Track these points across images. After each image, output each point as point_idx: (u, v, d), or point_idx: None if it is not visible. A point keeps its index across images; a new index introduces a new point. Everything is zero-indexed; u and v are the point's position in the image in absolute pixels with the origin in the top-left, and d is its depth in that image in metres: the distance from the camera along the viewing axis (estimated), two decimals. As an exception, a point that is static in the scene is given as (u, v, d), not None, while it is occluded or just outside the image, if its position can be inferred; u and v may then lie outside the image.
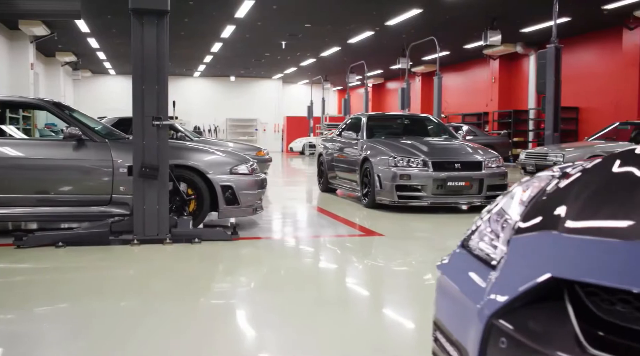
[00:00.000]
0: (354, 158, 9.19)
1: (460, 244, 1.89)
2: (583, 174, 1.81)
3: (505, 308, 1.48)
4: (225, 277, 4.90)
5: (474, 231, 1.89)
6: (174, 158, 6.14)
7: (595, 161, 1.91)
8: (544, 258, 1.49)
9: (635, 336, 1.26)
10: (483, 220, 1.90)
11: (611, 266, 1.35)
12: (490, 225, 1.84)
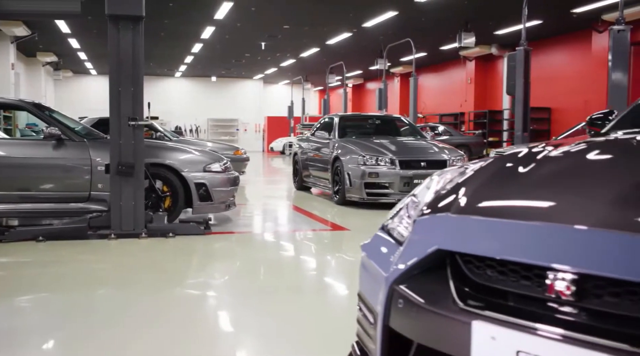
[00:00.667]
0: (326, 157, 9.53)
1: (381, 226, 2.22)
2: (480, 169, 2.16)
3: (403, 276, 1.82)
4: (197, 268, 5.21)
5: (394, 215, 2.23)
6: (150, 157, 6.44)
7: (491, 158, 2.26)
8: (435, 234, 1.83)
9: (497, 293, 1.60)
10: (402, 206, 2.24)
11: (481, 239, 1.69)
12: (407, 210, 2.17)
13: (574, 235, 1.51)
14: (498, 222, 1.70)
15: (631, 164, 1.90)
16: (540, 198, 1.76)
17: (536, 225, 1.60)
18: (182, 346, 3.05)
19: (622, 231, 1.43)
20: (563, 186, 1.82)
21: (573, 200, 1.69)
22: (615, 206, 1.56)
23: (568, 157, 2.12)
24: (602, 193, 1.66)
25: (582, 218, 1.54)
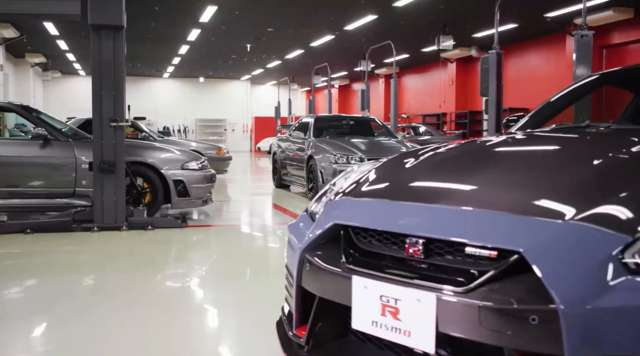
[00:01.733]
0: (302, 156, 10.03)
1: (305, 210, 2.72)
2: (385, 162, 2.67)
3: (311, 245, 2.32)
4: (173, 255, 5.69)
5: (316, 200, 2.73)
6: (132, 155, 6.92)
7: (395, 155, 2.78)
8: (335, 213, 2.34)
9: (375, 255, 2.11)
10: (323, 193, 2.74)
11: (365, 215, 2.20)
12: (327, 195, 2.68)
13: (424, 210, 2.03)
14: (377, 202, 2.22)
15: (491, 157, 2.43)
16: (410, 185, 2.29)
17: (402, 203, 2.13)
18: (162, 320, 3.54)
19: (454, 206, 1.95)
20: (429, 175, 2.34)
21: (431, 185, 2.21)
22: (455, 189, 2.08)
23: (448, 153, 2.65)
24: (453, 179, 2.18)
25: (430, 198, 2.07)
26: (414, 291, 1.86)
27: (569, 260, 1.65)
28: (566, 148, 2.56)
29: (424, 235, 1.96)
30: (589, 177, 2.03)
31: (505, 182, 2.16)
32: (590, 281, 1.60)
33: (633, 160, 2.20)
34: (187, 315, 3.66)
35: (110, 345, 3.06)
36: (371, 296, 1.98)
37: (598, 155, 2.24)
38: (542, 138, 2.92)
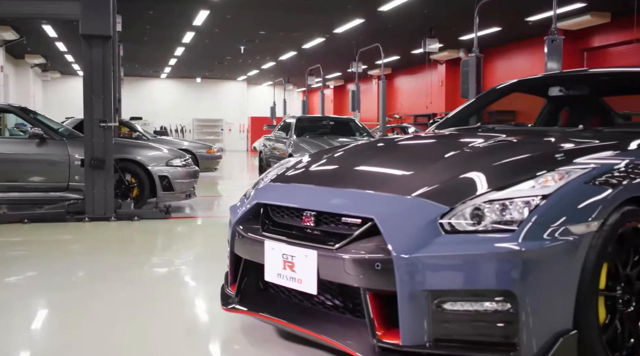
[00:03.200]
0: (284, 154, 10.70)
1: (244, 193, 3.38)
2: (304, 157, 3.33)
3: (240, 220, 2.98)
4: (157, 241, 6.34)
5: (253, 186, 3.38)
6: (121, 153, 7.58)
7: (317, 151, 3.45)
8: (259, 194, 3.00)
9: (284, 225, 2.76)
10: (259, 180, 3.39)
11: (278, 195, 2.87)
12: (263, 180, 3.34)
13: (316, 191, 2.70)
14: (287, 186, 2.90)
15: (380, 151, 3.10)
16: (313, 172, 2.96)
17: (303, 186, 2.80)
18: (147, 294, 4.20)
19: (335, 188, 2.62)
20: (329, 165, 3.01)
21: (326, 173, 2.88)
22: (341, 175, 2.76)
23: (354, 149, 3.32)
24: (343, 169, 2.86)
25: (322, 182, 2.74)
26: (304, 250, 2.52)
27: (405, 224, 2.32)
28: (438, 144, 3.23)
29: (314, 209, 2.62)
30: (437, 165, 2.70)
31: (377, 169, 2.84)
32: (417, 238, 2.26)
33: (477, 152, 2.87)
34: (170, 289, 4.32)
35: (104, 316, 3.70)
36: (276, 255, 2.65)
37: (454, 149, 2.91)
38: (431, 136, 3.59)
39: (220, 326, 3.35)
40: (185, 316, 3.58)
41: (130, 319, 3.51)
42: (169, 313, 3.64)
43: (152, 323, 3.42)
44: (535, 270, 2.15)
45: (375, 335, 2.30)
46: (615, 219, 2.37)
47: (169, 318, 3.50)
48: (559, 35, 20.00)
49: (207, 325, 3.44)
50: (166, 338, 3.15)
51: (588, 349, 2.27)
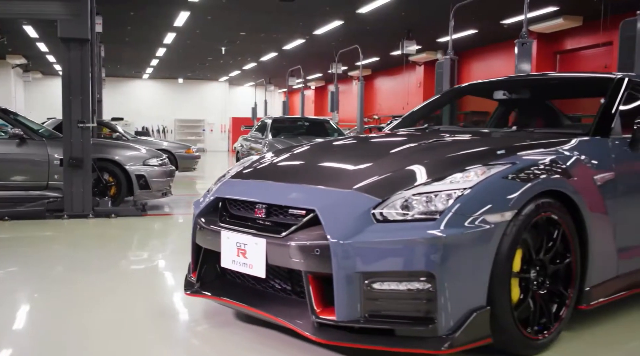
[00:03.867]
0: (259, 155, 10.97)
1: (207, 189, 3.66)
2: (262, 156, 3.62)
3: (201, 212, 3.27)
4: (132, 235, 6.59)
5: (216, 182, 3.66)
6: (99, 153, 7.83)
7: (275, 150, 3.74)
8: (218, 190, 3.29)
9: (241, 218, 3.05)
10: (221, 176, 3.67)
11: (234, 190, 3.16)
12: (224, 177, 3.62)
13: (267, 186, 3.00)
14: (243, 182, 3.19)
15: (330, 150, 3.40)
16: (266, 169, 3.26)
17: (256, 182, 3.10)
18: (121, 283, 4.46)
19: (283, 183, 2.92)
20: (281, 163, 3.31)
21: (278, 170, 3.18)
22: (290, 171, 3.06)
23: (308, 148, 3.62)
24: (294, 166, 3.16)
25: (273, 178, 3.04)
26: (254, 238, 2.82)
27: (342, 214, 2.62)
28: (383, 143, 3.54)
29: (265, 202, 2.92)
30: (376, 162, 3.01)
31: (324, 166, 3.14)
32: (352, 227, 2.56)
33: (414, 150, 3.18)
34: (143, 278, 4.59)
35: (79, 303, 3.97)
36: (231, 244, 2.94)
37: (395, 148, 3.22)
38: (381, 136, 3.91)
39: (186, 311, 3.63)
40: (155, 302, 3.86)
41: (103, 305, 3.78)
42: (140, 299, 3.91)
43: (123, 308, 3.69)
44: (454, 254, 2.46)
45: (315, 312, 2.60)
46: (529, 210, 2.69)
47: (140, 304, 3.78)
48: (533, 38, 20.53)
49: (173, 309, 3.71)
50: (135, 321, 3.42)
51: (500, 323, 2.59)
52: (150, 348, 3.01)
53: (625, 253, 3.33)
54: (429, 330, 2.46)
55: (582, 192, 2.97)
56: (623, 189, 3.29)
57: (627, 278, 3.39)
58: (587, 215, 2.97)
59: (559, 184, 2.83)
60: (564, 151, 3.10)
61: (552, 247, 2.87)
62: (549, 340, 2.86)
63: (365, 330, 2.54)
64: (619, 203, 3.26)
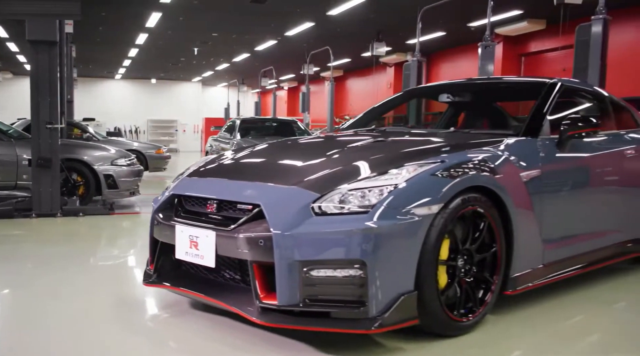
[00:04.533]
0: (228, 154, 11.18)
1: (166, 187, 3.89)
2: (220, 155, 3.86)
3: (159, 208, 3.49)
4: (101, 235, 6.77)
5: (174, 180, 3.89)
6: (68, 153, 7.98)
7: (232, 149, 3.99)
8: (175, 187, 3.52)
9: (194, 213, 3.29)
10: (179, 174, 3.90)
11: (189, 187, 3.39)
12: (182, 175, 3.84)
13: (218, 183, 3.24)
14: (197, 179, 3.43)
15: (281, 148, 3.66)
16: (219, 167, 3.50)
17: (209, 179, 3.34)
18: (86, 277, 4.66)
19: (233, 180, 3.17)
20: (235, 161, 3.55)
21: (230, 168, 3.42)
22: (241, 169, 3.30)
23: (263, 147, 3.86)
24: (245, 164, 3.40)
25: (225, 175, 3.28)
26: (205, 231, 3.06)
27: (284, 208, 2.87)
28: (330, 143, 3.81)
29: (216, 197, 3.16)
30: (320, 160, 3.27)
31: (272, 164, 3.40)
32: (293, 219, 2.81)
33: (356, 149, 3.45)
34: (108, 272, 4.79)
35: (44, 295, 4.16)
36: (185, 237, 3.17)
37: (340, 147, 3.49)
38: (330, 136, 4.17)
39: (146, 302, 3.85)
40: (118, 294, 4.07)
41: (68, 297, 3.98)
42: (104, 292, 4.12)
43: (86, 299, 3.90)
44: (384, 244, 2.72)
45: (259, 298, 2.85)
46: (456, 204, 2.96)
47: (103, 296, 3.98)
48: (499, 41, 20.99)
49: (135, 301, 3.93)
50: (98, 311, 3.63)
51: (427, 306, 2.86)
52: (113, 336, 3.23)
53: (550, 244, 3.63)
54: (360, 312, 2.72)
55: (508, 187, 3.25)
56: (549, 186, 3.59)
57: (552, 267, 3.70)
58: (512, 209, 3.26)
59: (484, 180, 3.11)
60: (494, 150, 3.39)
61: (478, 238, 3.15)
62: (474, 322, 3.15)
63: (304, 313, 2.79)
64: (545, 198, 3.56)
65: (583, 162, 3.94)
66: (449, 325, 3.02)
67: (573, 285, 4.21)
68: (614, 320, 3.59)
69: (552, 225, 3.64)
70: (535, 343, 3.12)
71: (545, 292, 3.97)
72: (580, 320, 3.55)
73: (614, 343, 3.18)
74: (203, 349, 3.00)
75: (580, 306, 3.78)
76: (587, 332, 3.36)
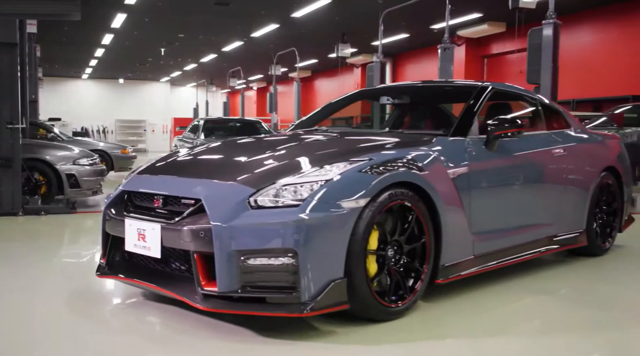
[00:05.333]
0: (192, 154, 11.36)
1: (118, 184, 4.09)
2: (170, 154, 4.08)
3: (110, 204, 3.70)
4: (63, 232, 6.92)
5: (126, 177, 4.09)
6: (31, 153, 8.09)
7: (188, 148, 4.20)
8: (125, 183, 3.73)
9: (142, 208, 3.50)
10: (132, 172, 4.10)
11: (137, 184, 3.60)
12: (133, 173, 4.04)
13: (164, 179, 3.46)
14: (144, 176, 3.64)
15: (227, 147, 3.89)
16: (166, 165, 3.72)
17: (155, 176, 3.55)
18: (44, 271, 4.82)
19: (177, 177, 3.39)
20: (182, 160, 3.78)
21: (175, 165, 3.65)
22: (185, 167, 3.53)
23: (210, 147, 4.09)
24: (190, 162, 3.63)
25: (170, 172, 3.51)
26: (152, 224, 3.27)
27: (223, 202, 3.09)
28: (274, 142, 4.04)
29: (162, 193, 3.38)
30: (260, 158, 3.51)
31: (216, 161, 3.63)
32: (231, 213, 3.04)
33: (294, 148, 3.70)
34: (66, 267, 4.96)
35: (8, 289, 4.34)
36: (133, 230, 3.38)
37: (281, 145, 3.73)
38: (276, 136, 4.42)
39: (99, 293, 4.04)
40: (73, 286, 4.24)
41: (23, 290, 4.15)
42: (62, 284, 4.29)
43: (40, 292, 4.07)
44: (314, 235, 2.97)
45: (200, 285, 3.07)
46: (383, 198, 3.22)
47: (60, 288, 4.16)
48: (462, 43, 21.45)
49: (89, 292, 4.11)
50: (53, 302, 3.81)
51: (357, 292, 3.11)
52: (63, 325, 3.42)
53: (481, 236, 3.91)
54: (293, 297, 2.96)
55: (435, 183, 3.52)
56: (477, 182, 3.88)
57: (483, 258, 3.98)
58: (439, 203, 3.53)
59: (409, 176, 3.37)
60: (423, 149, 3.66)
61: (407, 230, 3.41)
62: (405, 308, 3.41)
63: (242, 298, 3.02)
64: (474, 194, 3.84)
65: (510, 160, 4.23)
66: (380, 310, 3.27)
67: (509, 276, 4.50)
68: (544, 307, 3.87)
69: (482, 219, 3.92)
70: (466, 328, 3.38)
71: (479, 282, 4.25)
72: (512, 307, 3.82)
73: (543, 328, 3.46)
74: (148, 333, 3.22)
75: (513, 295, 4.06)
76: (518, 318, 3.63)
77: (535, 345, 3.13)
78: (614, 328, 3.44)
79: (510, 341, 3.19)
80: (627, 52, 16.35)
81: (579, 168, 4.92)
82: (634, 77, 15.83)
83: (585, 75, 17.47)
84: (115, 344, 3.08)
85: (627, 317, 3.67)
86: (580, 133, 5.20)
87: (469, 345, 3.10)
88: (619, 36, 16.67)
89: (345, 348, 3.02)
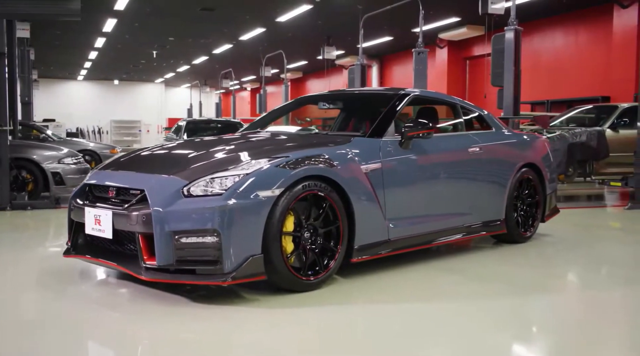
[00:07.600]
0: (175, 153, 12.01)
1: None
2: (133, 151, 4.74)
3: (76, 194, 4.36)
4: (47, 225, 7.57)
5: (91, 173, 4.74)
6: (19, 153, 8.75)
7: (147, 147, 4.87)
8: (88, 177, 4.39)
9: (99, 197, 4.16)
10: (97, 167, 4.76)
11: (98, 178, 4.27)
12: (97, 168, 4.70)
13: (118, 174, 4.13)
14: (104, 172, 4.31)
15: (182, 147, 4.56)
16: (126, 162, 4.39)
17: (112, 171, 4.22)
18: (27, 257, 5.48)
19: (130, 171, 4.06)
20: (140, 157, 4.44)
21: (133, 162, 4.31)
22: (139, 163, 4.20)
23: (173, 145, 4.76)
24: (146, 159, 4.30)
25: (126, 168, 4.17)
26: (105, 211, 3.94)
27: (162, 192, 3.75)
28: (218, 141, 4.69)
29: (115, 185, 4.04)
30: (200, 156, 4.17)
31: (164, 158, 4.30)
32: (167, 200, 3.70)
33: (229, 146, 4.36)
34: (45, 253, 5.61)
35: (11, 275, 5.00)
36: (91, 216, 4.04)
37: (221, 145, 4.39)
38: (225, 136, 5.08)
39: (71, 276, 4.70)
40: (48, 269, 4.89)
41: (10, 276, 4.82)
42: (36, 266, 4.95)
43: (17, 273, 4.73)
44: (235, 218, 3.63)
45: (143, 260, 3.73)
46: (297, 189, 3.88)
47: (33, 270, 4.82)
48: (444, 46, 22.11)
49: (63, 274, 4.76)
50: (26, 282, 4.47)
51: (275, 266, 3.77)
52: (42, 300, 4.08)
53: (395, 222, 4.56)
54: (217, 269, 3.62)
55: (347, 177, 4.17)
56: (391, 176, 4.53)
57: (398, 242, 4.63)
58: (351, 193, 4.18)
59: (322, 171, 4.03)
60: (340, 147, 4.32)
61: (321, 216, 4.07)
62: (319, 281, 4.06)
63: (177, 270, 3.68)
64: (388, 186, 4.49)
65: (424, 157, 4.87)
66: (296, 282, 3.93)
67: (426, 258, 5.15)
68: (441, 281, 4.52)
69: (396, 208, 4.56)
70: (368, 297, 4.04)
71: (397, 263, 4.89)
72: (413, 281, 4.47)
73: (432, 296, 4.11)
74: (104, 300, 3.90)
75: (421, 273, 4.71)
76: (415, 288, 4.28)
77: (422, 308, 3.79)
78: (488, 298, 4.09)
79: (403, 306, 3.85)
80: (596, 55, 17.03)
81: (496, 165, 5.56)
82: (602, 79, 16.50)
83: (559, 77, 18.15)
84: (74, 306, 3.74)
85: (503, 289, 4.31)
86: (500, 133, 5.85)
87: (365, 308, 3.77)
88: (589, 39, 17.35)
89: (263, 310, 3.68)
